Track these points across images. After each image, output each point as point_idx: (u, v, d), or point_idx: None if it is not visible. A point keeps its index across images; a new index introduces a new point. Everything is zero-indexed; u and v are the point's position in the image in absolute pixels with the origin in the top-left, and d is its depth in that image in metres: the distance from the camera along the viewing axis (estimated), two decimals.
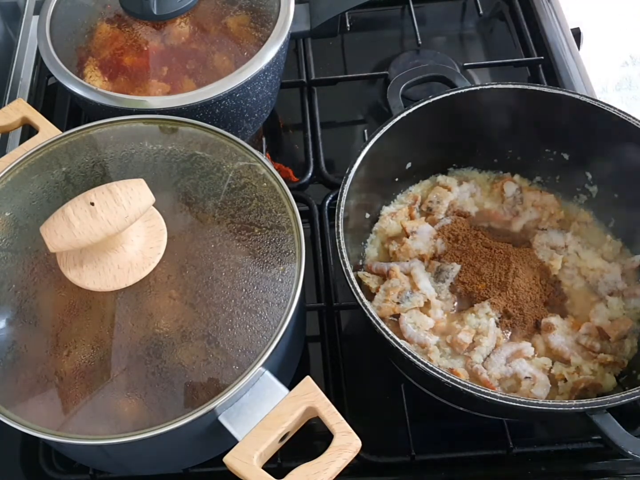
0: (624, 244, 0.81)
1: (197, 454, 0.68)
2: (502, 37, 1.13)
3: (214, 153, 0.69)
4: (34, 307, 0.61)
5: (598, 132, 0.77)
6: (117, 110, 0.79)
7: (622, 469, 0.73)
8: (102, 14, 0.87)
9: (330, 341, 0.82)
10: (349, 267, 0.67)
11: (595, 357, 0.73)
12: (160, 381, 0.58)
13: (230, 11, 0.87)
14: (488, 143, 0.85)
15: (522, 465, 0.74)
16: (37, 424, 0.57)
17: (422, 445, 0.74)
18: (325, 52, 1.11)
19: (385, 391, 0.79)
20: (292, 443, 0.59)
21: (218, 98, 0.80)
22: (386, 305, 0.75)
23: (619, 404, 0.60)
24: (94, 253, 0.58)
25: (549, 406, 0.60)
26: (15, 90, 1.08)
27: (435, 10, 1.17)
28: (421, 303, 0.76)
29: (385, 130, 0.76)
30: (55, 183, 0.68)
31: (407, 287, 0.76)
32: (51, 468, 0.75)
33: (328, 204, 0.91)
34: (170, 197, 0.66)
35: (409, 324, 0.74)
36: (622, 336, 0.74)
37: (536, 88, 0.78)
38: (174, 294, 0.60)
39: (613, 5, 1.79)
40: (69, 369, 0.58)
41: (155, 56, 0.84)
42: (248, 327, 0.59)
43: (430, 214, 0.84)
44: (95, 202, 0.54)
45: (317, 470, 0.54)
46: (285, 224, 0.65)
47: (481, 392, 0.60)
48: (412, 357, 0.62)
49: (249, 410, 0.57)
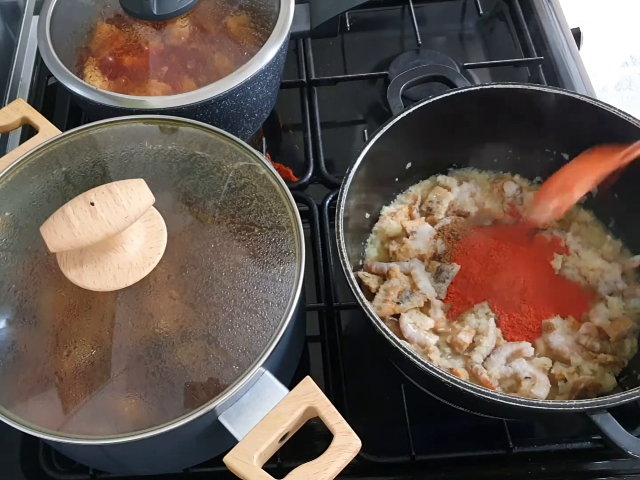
0: (624, 244, 0.81)
1: (197, 454, 0.68)
2: (502, 37, 1.13)
3: (214, 153, 0.69)
4: (34, 307, 0.60)
5: (598, 132, 0.77)
6: (117, 110, 0.79)
7: (622, 469, 0.73)
8: (102, 14, 0.87)
9: (330, 341, 0.82)
10: (349, 267, 0.67)
11: (595, 357, 0.73)
12: (160, 381, 0.58)
13: (230, 11, 0.87)
14: (488, 143, 0.85)
15: (522, 465, 0.74)
16: (37, 424, 0.57)
17: (422, 445, 0.74)
18: (325, 52, 1.11)
19: (385, 391, 0.79)
20: (292, 443, 0.59)
21: (218, 98, 0.80)
22: (386, 305, 0.75)
23: (619, 404, 0.60)
24: (94, 253, 0.58)
25: (549, 406, 0.60)
26: (15, 90, 1.08)
27: (435, 10, 1.17)
28: (421, 303, 0.76)
29: (385, 130, 0.76)
30: (55, 183, 0.68)
31: (407, 287, 0.76)
32: (51, 468, 0.75)
33: (328, 204, 0.91)
34: (170, 197, 0.66)
35: (409, 324, 0.74)
36: (622, 336, 0.74)
37: (536, 88, 0.78)
38: (174, 294, 0.60)
39: (613, 5, 1.79)
40: (69, 369, 0.58)
41: (155, 56, 0.84)
42: (248, 327, 0.59)
43: (430, 214, 0.84)
44: (95, 202, 0.54)
45: (317, 470, 0.54)
46: (285, 224, 0.65)
47: (481, 392, 0.60)
48: (412, 357, 0.62)
49: (249, 410, 0.57)
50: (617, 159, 0.70)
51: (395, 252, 0.81)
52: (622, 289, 0.77)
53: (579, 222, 0.83)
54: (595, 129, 0.77)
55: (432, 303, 0.76)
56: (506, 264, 0.76)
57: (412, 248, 0.80)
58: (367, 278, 0.78)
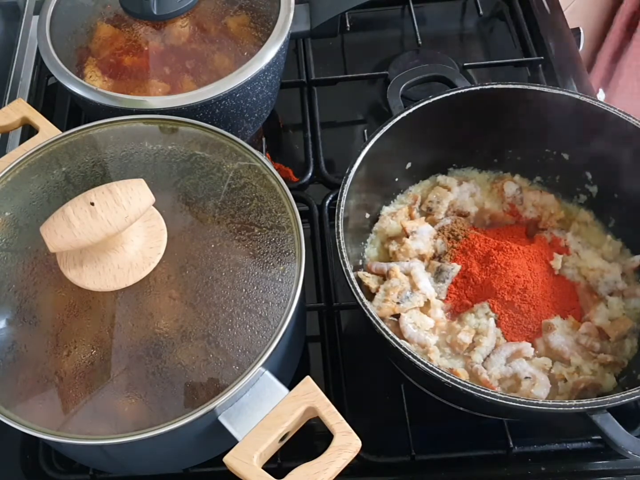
0: (624, 244, 0.81)
1: (197, 454, 0.68)
2: (502, 37, 1.13)
3: (214, 153, 0.69)
4: (34, 307, 0.60)
5: (598, 132, 0.77)
6: (117, 110, 0.79)
7: (622, 469, 0.73)
8: (102, 14, 0.87)
9: (330, 341, 0.82)
10: (349, 267, 0.67)
11: (595, 357, 0.73)
12: (160, 381, 0.58)
13: (230, 11, 0.87)
14: (488, 143, 0.85)
15: (522, 465, 0.74)
16: (37, 424, 0.56)
17: (422, 445, 0.74)
18: (325, 52, 1.10)
19: (385, 391, 0.79)
20: (292, 443, 0.59)
21: (218, 98, 0.80)
22: (386, 305, 0.75)
23: (619, 404, 0.60)
24: (94, 253, 0.58)
25: (549, 406, 0.60)
26: (15, 90, 1.08)
27: (435, 10, 1.17)
28: (421, 303, 0.76)
29: (385, 130, 0.76)
30: (55, 183, 0.68)
31: (407, 287, 0.76)
32: (51, 468, 0.75)
33: (328, 204, 0.91)
34: (170, 197, 0.66)
35: (409, 324, 0.74)
36: (622, 336, 0.74)
37: (536, 88, 0.78)
38: (174, 294, 0.60)
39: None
40: (69, 369, 0.58)
41: (155, 56, 0.84)
42: (248, 327, 0.59)
43: (430, 214, 0.84)
44: (95, 202, 0.54)
45: (317, 470, 0.54)
46: (285, 224, 0.65)
47: (481, 392, 0.60)
48: (412, 357, 0.62)
49: (249, 410, 0.57)
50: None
51: (395, 252, 0.81)
52: (622, 289, 0.77)
53: (579, 222, 0.83)
54: (595, 129, 0.77)
55: (432, 303, 0.76)
56: (506, 264, 0.76)
57: (412, 248, 0.80)
58: (367, 278, 0.78)
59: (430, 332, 0.75)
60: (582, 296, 0.78)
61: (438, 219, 0.83)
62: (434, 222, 0.83)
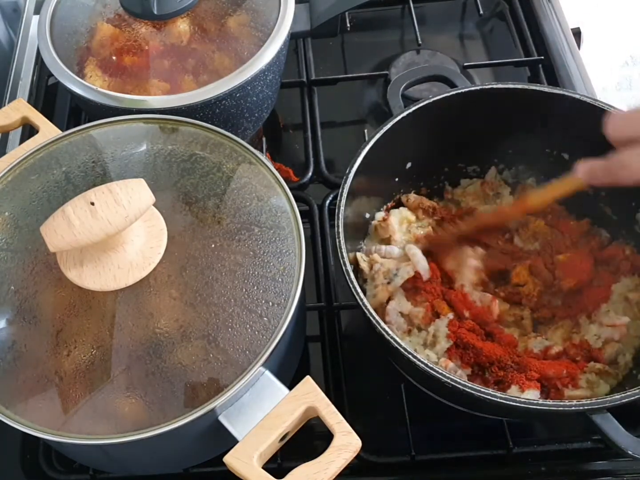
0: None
1: (197, 454, 0.68)
2: (502, 37, 1.13)
3: (214, 153, 0.69)
4: (34, 307, 0.60)
5: (598, 132, 0.77)
6: (117, 110, 0.79)
7: (622, 469, 0.73)
8: (102, 13, 0.87)
9: (330, 341, 0.82)
10: (349, 267, 0.67)
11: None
12: (160, 381, 0.58)
13: (230, 11, 0.87)
14: (488, 143, 0.85)
15: (522, 465, 0.74)
16: (37, 424, 0.56)
17: (422, 445, 0.74)
18: (325, 52, 1.11)
19: (385, 391, 0.79)
20: (292, 443, 0.59)
21: (218, 98, 0.80)
22: (380, 290, 0.75)
23: (619, 404, 0.60)
24: (94, 253, 0.58)
25: (549, 406, 0.60)
26: (15, 90, 1.08)
27: (435, 10, 1.17)
28: (411, 273, 0.75)
29: (385, 130, 0.76)
30: (55, 183, 0.67)
31: (392, 266, 0.76)
32: (51, 468, 0.75)
33: (328, 204, 0.91)
34: (170, 197, 0.66)
35: (395, 311, 0.74)
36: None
37: (536, 88, 0.78)
38: (174, 294, 0.60)
39: (613, 5, 1.79)
40: (69, 369, 0.58)
41: (155, 56, 0.84)
42: (248, 327, 0.59)
43: (430, 214, 0.84)
44: (96, 202, 0.54)
45: (317, 470, 0.54)
46: (285, 224, 0.65)
47: (481, 392, 0.60)
48: (412, 357, 0.62)
49: (249, 410, 0.57)
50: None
51: (377, 227, 0.82)
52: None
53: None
54: (595, 129, 0.77)
55: (423, 276, 0.76)
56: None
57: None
58: (364, 262, 0.78)
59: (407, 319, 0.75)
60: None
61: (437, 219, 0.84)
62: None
